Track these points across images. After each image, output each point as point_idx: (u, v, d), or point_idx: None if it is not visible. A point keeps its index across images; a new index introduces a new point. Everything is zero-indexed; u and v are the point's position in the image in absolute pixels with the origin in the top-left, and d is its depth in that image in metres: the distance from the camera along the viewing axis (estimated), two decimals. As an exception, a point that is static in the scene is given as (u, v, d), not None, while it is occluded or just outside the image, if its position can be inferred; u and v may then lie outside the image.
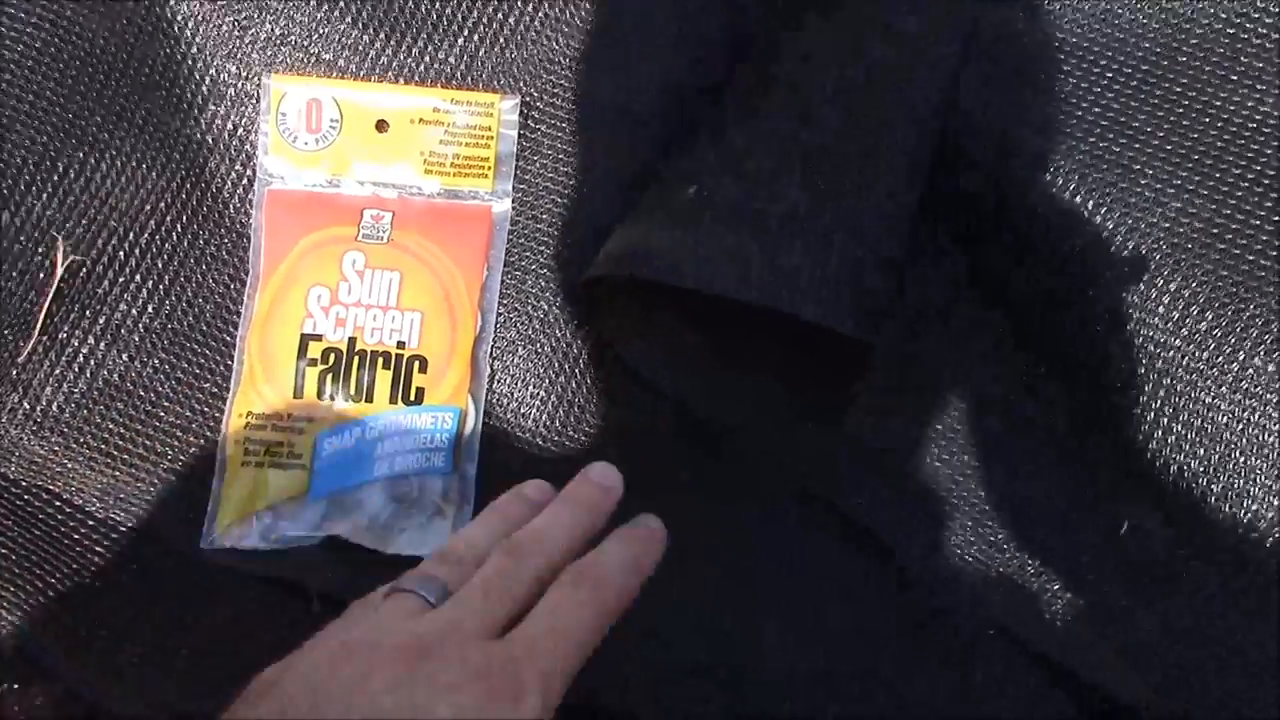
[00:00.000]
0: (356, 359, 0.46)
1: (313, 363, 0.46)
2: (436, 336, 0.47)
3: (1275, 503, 0.39)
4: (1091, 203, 0.42)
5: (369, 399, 0.46)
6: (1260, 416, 0.39)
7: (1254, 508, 0.39)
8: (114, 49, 0.47)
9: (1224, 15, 0.44)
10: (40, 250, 0.45)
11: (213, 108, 0.47)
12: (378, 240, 0.47)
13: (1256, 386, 0.39)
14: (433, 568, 0.34)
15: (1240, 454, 0.39)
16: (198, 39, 0.47)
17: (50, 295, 0.45)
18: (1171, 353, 0.40)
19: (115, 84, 0.47)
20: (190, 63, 0.47)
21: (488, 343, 0.47)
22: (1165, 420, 0.41)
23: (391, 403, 0.46)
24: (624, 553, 0.35)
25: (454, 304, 0.47)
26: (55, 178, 0.46)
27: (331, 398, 0.46)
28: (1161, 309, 0.41)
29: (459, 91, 0.48)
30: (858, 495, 0.45)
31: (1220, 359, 0.40)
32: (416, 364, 0.46)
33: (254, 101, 0.47)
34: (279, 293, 0.46)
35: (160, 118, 0.47)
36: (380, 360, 0.46)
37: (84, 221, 0.46)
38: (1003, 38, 0.45)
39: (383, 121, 0.48)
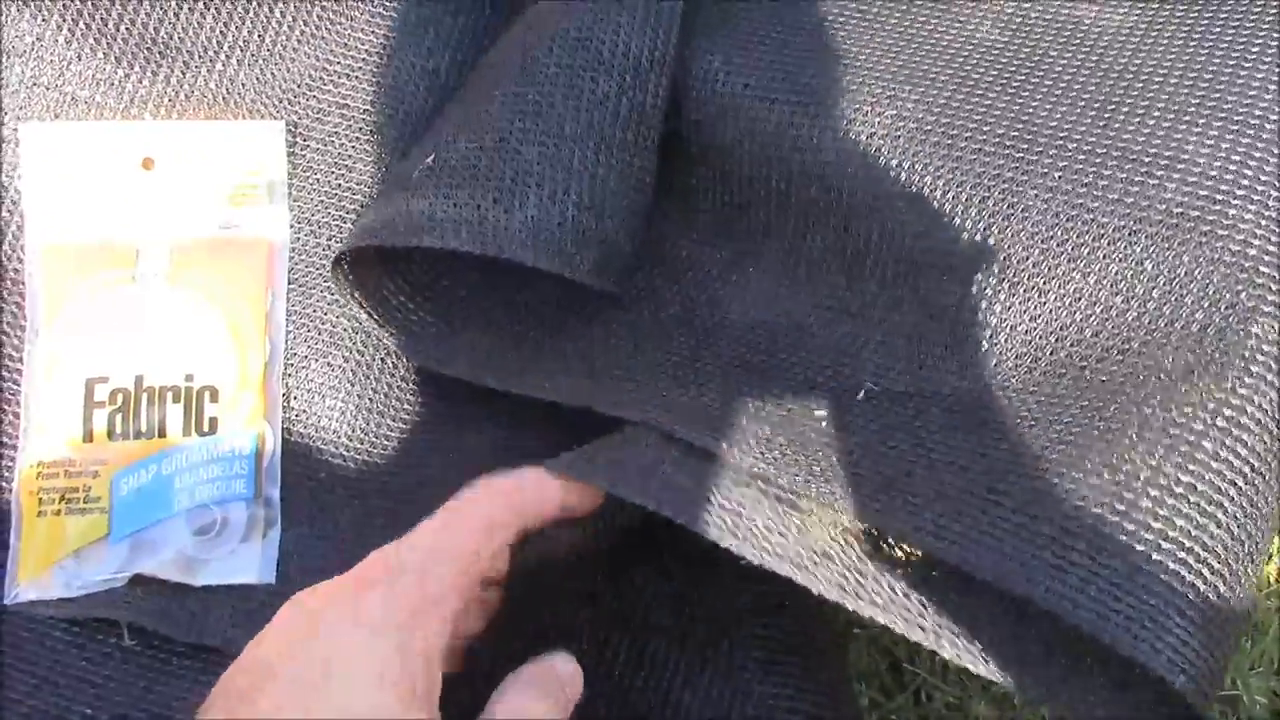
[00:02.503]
0: (145, 396, 0.46)
1: (100, 405, 0.46)
2: (225, 366, 0.47)
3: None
4: (823, 125, 0.43)
5: (162, 434, 0.46)
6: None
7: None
8: None
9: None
10: None
11: (-29, 158, 0.47)
12: (156, 278, 0.46)
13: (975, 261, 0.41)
14: None
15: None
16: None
17: None
18: (908, 248, 0.41)
19: None
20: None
21: (278, 366, 0.47)
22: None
23: (185, 435, 0.46)
24: None
25: (239, 332, 0.47)
26: None
27: (123, 437, 0.46)
28: (892, 208, 0.41)
29: (224, 122, 0.48)
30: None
31: (944, 245, 0.41)
32: (207, 394, 0.46)
33: (12, 147, 0.47)
34: (59, 340, 0.46)
35: (-80, 173, 0.47)
36: (170, 395, 0.46)
37: None
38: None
39: (148, 159, 0.47)
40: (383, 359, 0.48)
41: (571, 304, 0.47)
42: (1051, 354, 0.39)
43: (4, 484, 0.45)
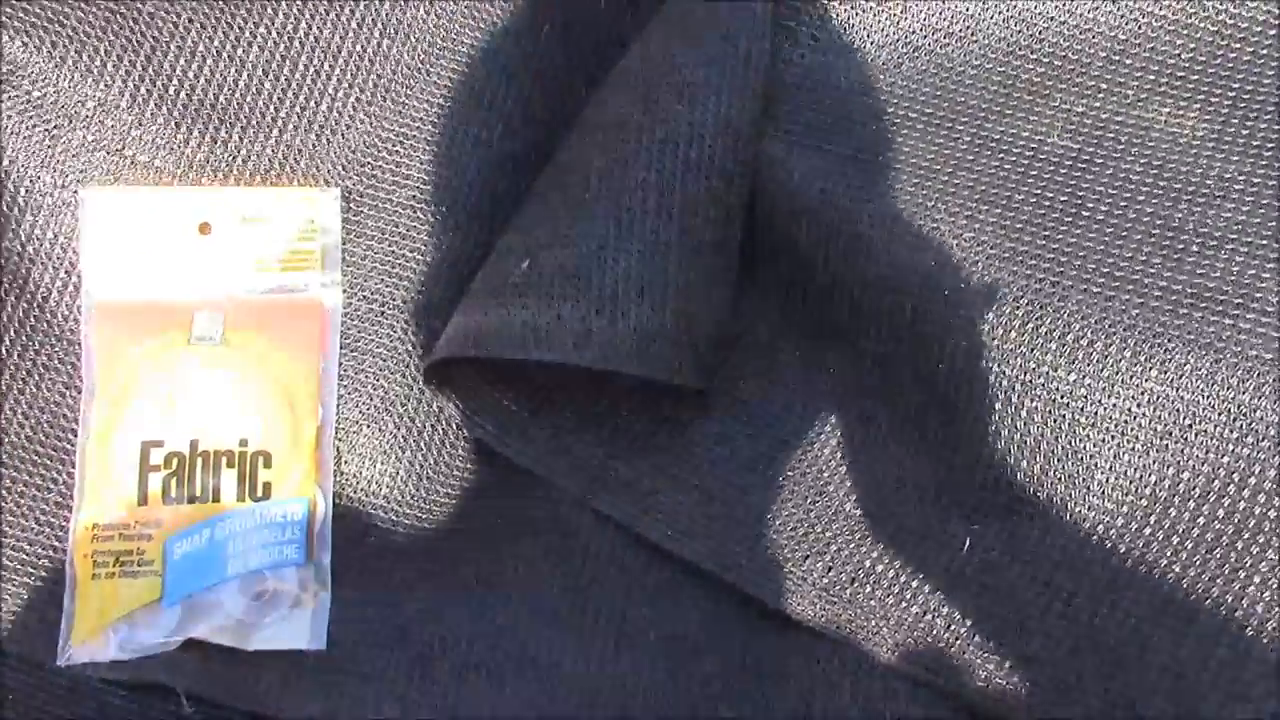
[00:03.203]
0: (200, 460, 0.46)
1: (155, 469, 0.46)
2: (278, 431, 0.47)
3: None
4: (898, 245, 0.44)
5: (215, 499, 0.46)
6: (1056, 434, 0.41)
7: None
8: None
9: (992, 56, 0.47)
10: None
11: (30, 219, 0.47)
12: (211, 342, 0.47)
13: (1060, 396, 0.41)
14: None
15: (1049, 464, 0.42)
16: (9, 151, 0.47)
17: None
18: (984, 373, 0.42)
19: (-73, 210, 0.47)
20: (3, 175, 0.47)
21: (330, 429, 0.48)
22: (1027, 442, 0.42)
23: (239, 500, 0.46)
24: None
25: (292, 397, 0.47)
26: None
27: (177, 501, 0.46)
28: (974, 332, 0.42)
29: (280, 188, 0.48)
30: (699, 538, 0.46)
31: (1025, 375, 0.42)
32: (260, 460, 0.47)
33: (71, 210, 0.47)
34: (115, 402, 0.46)
35: (-22, 233, 0.47)
36: (224, 459, 0.47)
37: (-91, 343, 0.46)
38: (799, 93, 0.47)
39: (205, 224, 0.48)
40: (433, 425, 0.48)
41: (652, 398, 0.48)
42: (1136, 498, 0.40)
43: (58, 545, 0.46)
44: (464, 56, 0.50)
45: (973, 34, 0.47)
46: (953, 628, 0.41)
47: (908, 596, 0.42)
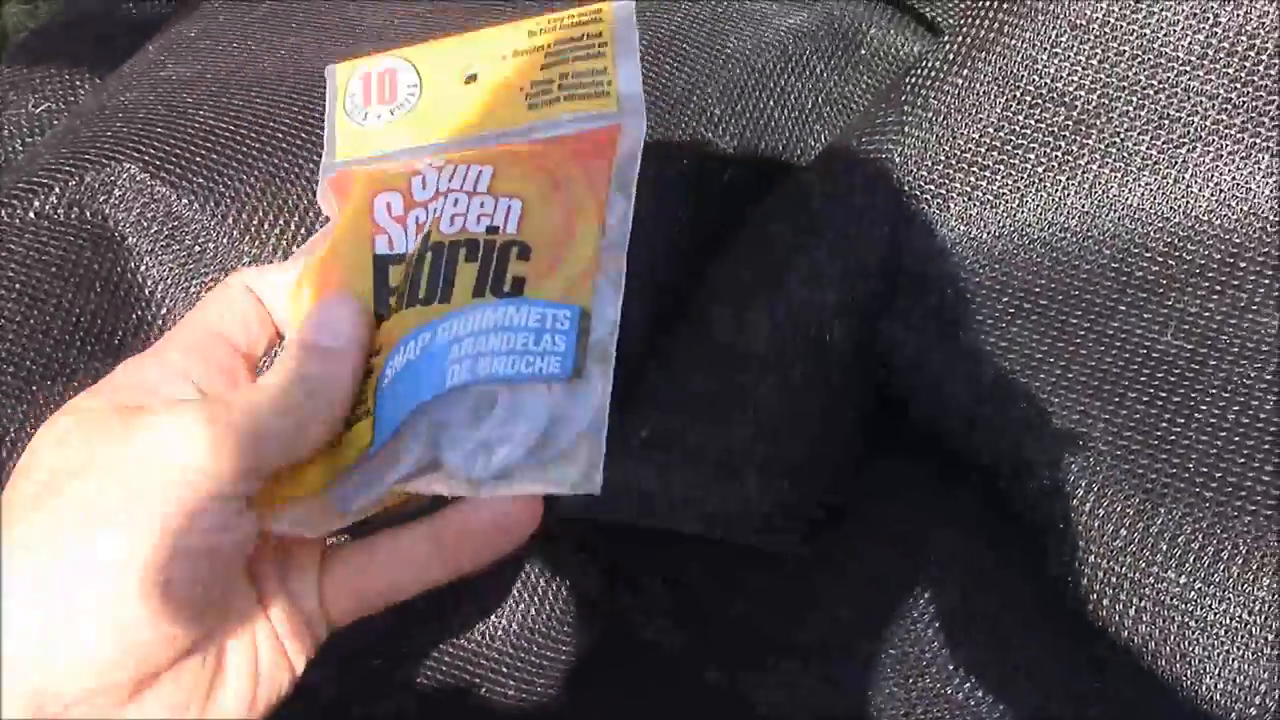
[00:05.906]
0: (430, 254, 0.35)
1: (393, 291, 0.36)
2: (544, 223, 0.36)
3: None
4: (1010, 434, 0.45)
5: (444, 299, 0.35)
6: (1165, 634, 0.42)
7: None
8: (88, 316, 0.50)
9: (1106, 252, 0.48)
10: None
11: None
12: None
13: (1169, 598, 0.42)
14: None
15: (1155, 664, 0.43)
16: (167, 301, 0.50)
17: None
18: (1093, 569, 0.43)
19: (90, 350, 0.50)
20: (160, 324, 0.50)
21: (620, 252, 0.35)
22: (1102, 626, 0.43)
23: (475, 297, 0.34)
24: None
25: (569, 195, 0.36)
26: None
27: (397, 309, 0.35)
28: (1081, 527, 0.44)
29: (555, 13, 0.39)
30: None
31: (1135, 574, 0.43)
32: (514, 250, 0.35)
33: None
34: (340, 238, 0.37)
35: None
36: (462, 251, 0.35)
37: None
38: (917, 279, 0.49)
39: (471, 76, 0.39)
40: None
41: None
42: (1245, 706, 0.41)
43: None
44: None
45: (1088, 230, 0.49)
46: None
47: None
